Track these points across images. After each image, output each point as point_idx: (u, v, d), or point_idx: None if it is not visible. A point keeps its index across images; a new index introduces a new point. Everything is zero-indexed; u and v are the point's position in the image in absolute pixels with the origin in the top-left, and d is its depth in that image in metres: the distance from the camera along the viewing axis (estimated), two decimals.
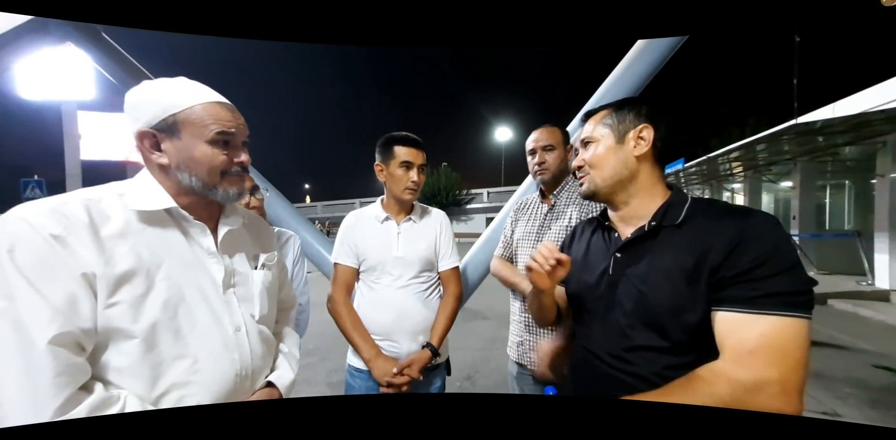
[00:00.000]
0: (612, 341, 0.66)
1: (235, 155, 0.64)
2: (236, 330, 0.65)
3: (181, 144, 0.60)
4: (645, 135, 0.68)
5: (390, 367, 1.04)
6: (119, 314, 0.53)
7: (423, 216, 1.22)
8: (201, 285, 0.62)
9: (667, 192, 0.70)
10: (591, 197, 0.73)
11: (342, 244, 1.17)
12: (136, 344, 0.54)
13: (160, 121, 0.60)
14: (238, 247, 0.71)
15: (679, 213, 0.64)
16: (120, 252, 0.55)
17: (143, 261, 0.56)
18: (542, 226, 1.26)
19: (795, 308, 0.53)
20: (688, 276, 0.59)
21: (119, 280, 0.54)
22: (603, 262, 0.72)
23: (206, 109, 0.61)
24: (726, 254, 0.57)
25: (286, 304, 0.86)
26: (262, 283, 0.71)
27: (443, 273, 1.20)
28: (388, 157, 1.12)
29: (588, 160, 0.71)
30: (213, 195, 0.64)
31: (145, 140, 0.61)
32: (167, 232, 0.61)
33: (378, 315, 1.11)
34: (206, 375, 0.60)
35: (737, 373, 0.53)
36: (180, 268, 0.60)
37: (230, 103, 0.65)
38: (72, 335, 0.49)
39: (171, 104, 0.60)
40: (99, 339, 0.53)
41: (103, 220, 0.55)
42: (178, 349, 0.58)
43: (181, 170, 0.61)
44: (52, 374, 0.47)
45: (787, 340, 0.52)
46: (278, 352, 0.77)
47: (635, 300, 0.64)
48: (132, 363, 0.54)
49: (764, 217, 0.60)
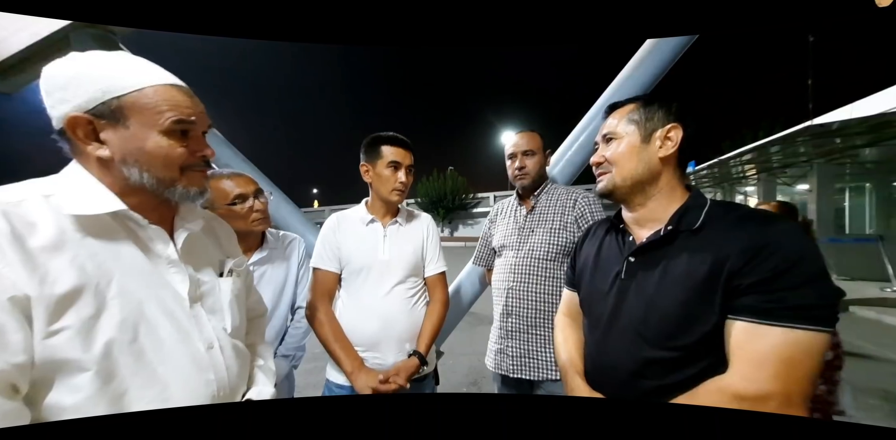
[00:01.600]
0: (623, 347, 0.64)
1: (196, 147, 0.55)
2: (209, 347, 0.58)
3: (128, 134, 0.50)
4: (673, 135, 0.64)
5: (374, 378, 0.98)
6: (65, 342, 0.45)
7: (409, 219, 1.18)
8: (163, 300, 0.54)
9: (685, 194, 0.67)
10: (607, 195, 0.70)
11: (323, 247, 1.10)
12: (89, 376, 0.46)
13: (99, 104, 0.49)
14: (201, 253, 0.63)
15: (697, 217, 0.61)
16: (56, 267, 0.45)
17: (89, 277, 0.47)
18: (524, 228, 1.24)
19: (815, 321, 0.51)
20: (702, 284, 0.57)
21: (62, 301, 0.45)
22: (615, 266, 0.69)
23: (160, 93, 0.51)
24: (746, 260, 0.54)
25: (255, 312, 0.79)
26: (231, 292, 0.64)
27: (429, 278, 1.16)
28: (375, 157, 1.08)
29: (609, 157, 0.68)
30: (171, 194, 0.55)
31: (78, 128, 0.50)
32: (115, 240, 0.52)
33: (361, 324, 1.05)
34: (178, 402, 0.52)
35: (742, 386, 0.52)
36: (136, 283, 0.52)
37: (187, 86, 0.56)
38: (4, 375, 0.41)
39: (115, 85, 0.49)
40: (38, 375, 0.44)
41: (28, 228, 0.45)
42: (143, 377, 0.50)
43: (128, 164, 0.51)
44: None
45: (798, 353, 0.50)
46: (254, 367, 0.70)
47: (647, 307, 0.62)
48: (86, 399, 0.46)
49: (788, 224, 0.57)
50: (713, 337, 0.56)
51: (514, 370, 1.15)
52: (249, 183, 1.15)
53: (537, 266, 1.17)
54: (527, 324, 1.16)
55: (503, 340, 1.20)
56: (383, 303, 1.07)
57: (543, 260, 1.17)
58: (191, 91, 0.56)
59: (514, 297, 1.18)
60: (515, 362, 1.15)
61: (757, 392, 0.51)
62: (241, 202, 1.10)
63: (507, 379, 1.19)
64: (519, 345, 1.16)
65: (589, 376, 0.72)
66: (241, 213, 1.09)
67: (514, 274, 1.19)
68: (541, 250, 1.17)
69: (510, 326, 1.18)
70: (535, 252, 1.18)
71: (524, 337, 1.16)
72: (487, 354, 1.27)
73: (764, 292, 0.52)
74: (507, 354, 1.17)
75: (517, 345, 1.16)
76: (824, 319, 0.51)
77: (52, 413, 0.46)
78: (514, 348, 1.17)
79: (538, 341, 1.14)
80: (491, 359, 1.24)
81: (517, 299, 1.18)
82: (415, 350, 1.06)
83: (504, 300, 1.20)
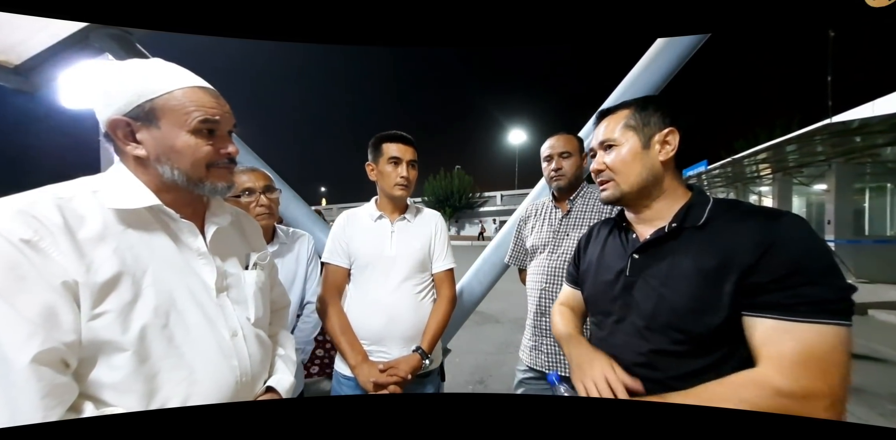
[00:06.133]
0: (630, 344, 0.64)
1: (221, 145, 0.59)
2: (233, 335, 0.61)
3: (160, 134, 0.54)
4: (670, 139, 0.65)
5: (376, 370, 1.00)
6: (106, 325, 0.49)
7: (417, 216, 1.19)
8: (192, 289, 0.58)
9: (687, 193, 0.67)
10: (614, 203, 0.71)
11: (333, 243, 1.13)
12: (127, 356, 0.50)
13: (135, 107, 0.53)
14: (228, 246, 0.67)
15: (701, 214, 0.62)
16: (101, 257, 0.50)
17: (128, 266, 0.51)
18: (559, 232, 1.24)
19: (836, 315, 0.50)
20: (710, 278, 0.57)
21: (104, 288, 0.49)
22: (619, 263, 0.69)
23: (187, 95, 0.55)
24: (757, 257, 0.54)
25: (279, 304, 0.82)
26: (255, 284, 0.67)
27: (437, 275, 1.16)
28: (378, 155, 1.11)
29: (611, 165, 0.68)
30: (200, 190, 0.58)
31: (118, 129, 0.54)
32: (150, 232, 0.56)
33: (368, 319, 1.07)
34: (204, 385, 0.56)
35: (784, 383, 0.51)
36: (168, 272, 0.55)
37: (212, 88, 0.59)
38: (55, 351, 0.45)
39: (147, 89, 0.54)
40: (85, 354, 0.48)
41: (78, 221, 0.50)
42: (172, 359, 0.53)
43: (161, 162, 0.55)
44: (38, 397, 0.43)
45: (830, 350, 0.50)
46: (275, 356, 0.73)
47: (654, 302, 0.62)
48: (124, 377, 0.50)
49: (793, 218, 0.57)
50: (723, 330, 0.56)
51: (548, 366, 1.18)
52: (260, 178, 1.17)
53: None
54: None
55: (537, 338, 1.22)
56: (390, 299, 1.08)
57: None
58: (217, 92, 0.60)
59: (548, 298, 1.20)
60: (550, 359, 1.18)
61: (804, 390, 0.50)
62: (247, 196, 1.13)
63: (544, 374, 1.20)
64: (552, 343, 1.18)
65: None
66: (245, 206, 1.12)
67: (548, 275, 1.20)
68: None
69: (544, 325, 1.20)
70: (568, 255, 1.18)
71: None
72: (522, 350, 1.30)
73: (784, 288, 0.52)
74: (542, 351, 1.20)
75: (551, 343, 1.18)
76: (843, 312, 0.51)
77: (94, 389, 0.50)
78: (548, 346, 1.19)
79: None
80: (526, 355, 1.26)
81: (550, 300, 1.19)
82: (418, 346, 1.07)
83: (538, 300, 1.22)
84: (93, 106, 0.56)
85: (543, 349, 1.19)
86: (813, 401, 0.50)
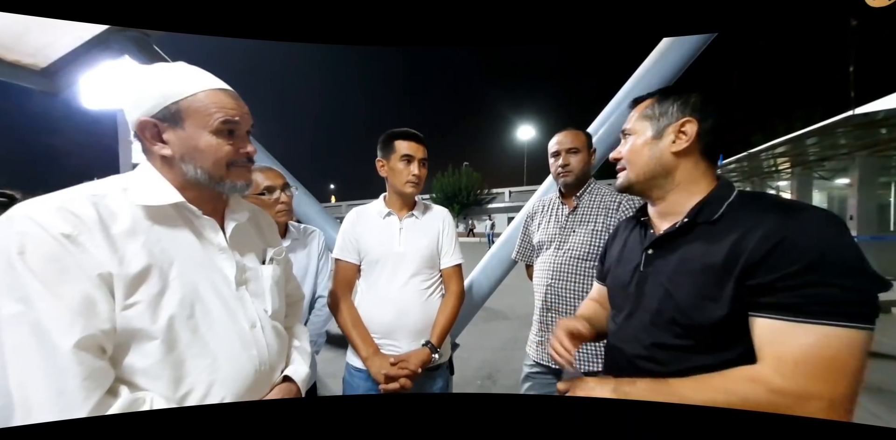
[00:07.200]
0: (637, 338, 0.65)
1: (241, 145, 0.61)
2: (252, 326, 0.64)
3: (185, 134, 0.57)
4: (687, 129, 0.62)
5: (387, 363, 1.03)
6: (138, 315, 0.52)
7: (425, 212, 1.21)
8: (214, 282, 0.60)
9: (711, 185, 0.64)
10: (625, 191, 0.71)
11: (343, 240, 1.16)
12: (156, 344, 0.53)
13: (162, 109, 0.56)
14: (246, 241, 0.70)
15: (717, 209, 0.60)
16: (132, 250, 0.53)
17: (156, 259, 0.54)
18: (565, 228, 1.23)
19: (851, 318, 0.47)
20: (715, 275, 0.55)
21: (135, 279, 0.52)
22: (636, 259, 0.70)
23: (210, 97, 0.58)
24: (765, 252, 0.51)
25: (293, 298, 0.85)
26: (271, 278, 0.70)
27: (445, 270, 1.18)
28: (389, 152, 1.12)
29: (624, 153, 0.69)
30: (220, 188, 0.61)
31: (146, 130, 0.57)
32: (175, 228, 0.59)
33: (378, 313, 1.10)
34: (226, 373, 0.59)
35: (779, 382, 0.49)
36: (192, 266, 0.58)
37: (233, 90, 0.62)
38: (94, 338, 0.48)
39: (173, 91, 0.56)
40: (119, 341, 0.51)
41: (111, 217, 0.53)
42: (197, 348, 0.56)
43: (185, 161, 0.58)
44: (80, 379, 0.45)
45: (838, 352, 0.47)
46: (291, 347, 0.75)
47: (660, 298, 0.62)
48: (154, 364, 0.53)
49: (817, 213, 0.53)
50: (728, 328, 0.54)
51: (554, 361, 1.18)
52: (278, 177, 1.22)
53: (576, 265, 1.18)
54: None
55: (543, 333, 1.23)
56: (399, 294, 1.10)
57: (582, 260, 1.17)
58: (236, 94, 0.62)
59: (553, 294, 1.20)
60: None
61: (800, 390, 0.48)
62: (268, 193, 1.18)
63: (550, 369, 1.21)
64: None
65: (609, 367, 0.73)
66: (267, 203, 1.17)
67: (554, 271, 1.21)
68: (580, 250, 1.18)
69: (550, 320, 1.21)
70: (574, 251, 1.19)
71: None
72: (528, 345, 1.30)
73: (790, 288, 0.49)
74: (548, 346, 1.20)
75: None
76: (861, 315, 0.47)
77: (129, 374, 0.53)
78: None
79: None
80: (533, 350, 1.27)
81: (556, 296, 1.20)
82: (427, 340, 1.09)
83: (543, 296, 1.22)
84: (122, 107, 0.59)
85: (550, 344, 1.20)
86: (810, 402, 0.48)
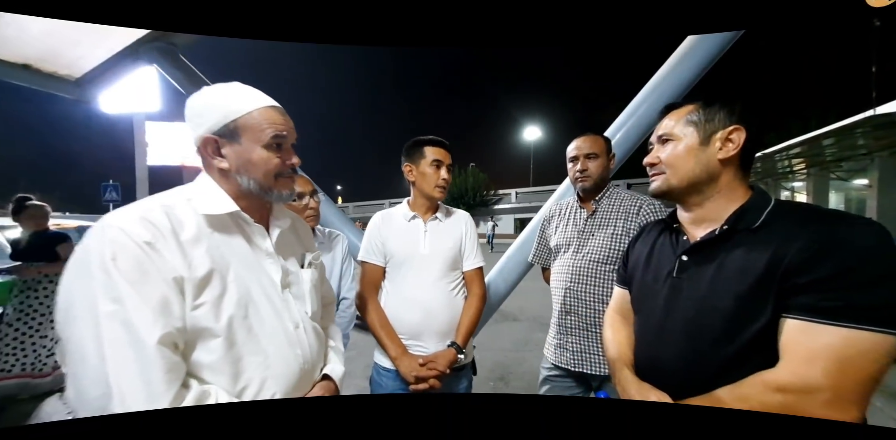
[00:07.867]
0: (674, 345, 0.65)
1: (287, 157, 0.66)
2: (295, 326, 0.68)
3: (240, 149, 0.62)
4: (735, 137, 0.62)
5: (416, 364, 1.05)
6: (203, 314, 0.56)
7: (448, 216, 1.24)
8: (264, 285, 0.65)
9: (747, 194, 0.64)
10: (661, 196, 0.71)
11: (369, 243, 1.19)
12: (219, 342, 0.57)
13: (222, 126, 0.61)
14: (288, 247, 0.74)
15: (757, 217, 0.60)
16: (198, 255, 0.57)
17: (217, 264, 0.59)
18: (584, 231, 1.24)
19: (882, 323, 0.48)
20: (757, 283, 0.55)
21: (201, 282, 0.57)
22: (668, 265, 0.69)
23: (263, 114, 0.63)
24: (805, 258, 0.52)
25: (327, 299, 0.89)
26: (310, 281, 0.74)
27: (467, 273, 1.21)
28: (418, 158, 1.16)
29: (665, 159, 0.68)
30: (269, 197, 0.66)
31: (208, 146, 0.63)
32: (231, 234, 0.64)
33: (405, 315, 1.12)
34: (277, 370, 0.63)
35: (784, 377, 0.50)
36: (245, 270, 0.63)
37: (280, 106, 0.67)
38: (171, 335, 0.53)
39: (232, 110, 0.62)
40: (188, 339, 0.56)
41: (180, 225, 0.58)
42: (252, 346, 0.61)
43: (240, 173, 0.63)
44: (163, 371, 0.50)
45: (857, 354, 0.47)
46: (327, 347, 0.79)
47: (698, 305, 0.62)
48: (217, 360, 0.57)
49: (864, 224, 0.53)
50: (765, 338, 0.54)
51: (574, 364, 1.19)
52: (307, 183, 1.28)
53: (595, 269, 1.18)
54: (585, 322, 1.19)
55: (562, 336, 1.23)
56: (426, 295, 1.13)
57: (602, 263, 1.18)
58: (283, 110, 0.67)
59: (572, 297, 1.21)
60: (575, 357, 1.19)
61: (802, 384, 0.48)
62: (299, 199, 1.24)
63: (569, 372, 1.22)
64: (578, 341, 1.19)
65: (639, 373, 0.72)
66: (298, 208, 1.22)
67: (572, 274, 1.21)
68: (600, 254, 1.18)
69: (569, 323, 1.21)
70: (593, 255, 1.19)
71: (582, 334, 1.19)
72: (546, 347, 1.31)
73: (823, 290, 0.50)
74: (567, 349, 1.21)
75: (576, 341, 1.20)
76: (892, 321, 0.48)
77: (196, 369, 0.57)
78: (573, 344, 1.20)
79: (596, 338, 1.17)
80: (551, 353, 1.27)
81: (575, 299, 1.20)
82: (452, 341, 1.12)
83: (562, 299, 1.23)
84: (187, 124, 0.64)
85: (569, 347, 1.20)
86: (813, 396, 0.48)
